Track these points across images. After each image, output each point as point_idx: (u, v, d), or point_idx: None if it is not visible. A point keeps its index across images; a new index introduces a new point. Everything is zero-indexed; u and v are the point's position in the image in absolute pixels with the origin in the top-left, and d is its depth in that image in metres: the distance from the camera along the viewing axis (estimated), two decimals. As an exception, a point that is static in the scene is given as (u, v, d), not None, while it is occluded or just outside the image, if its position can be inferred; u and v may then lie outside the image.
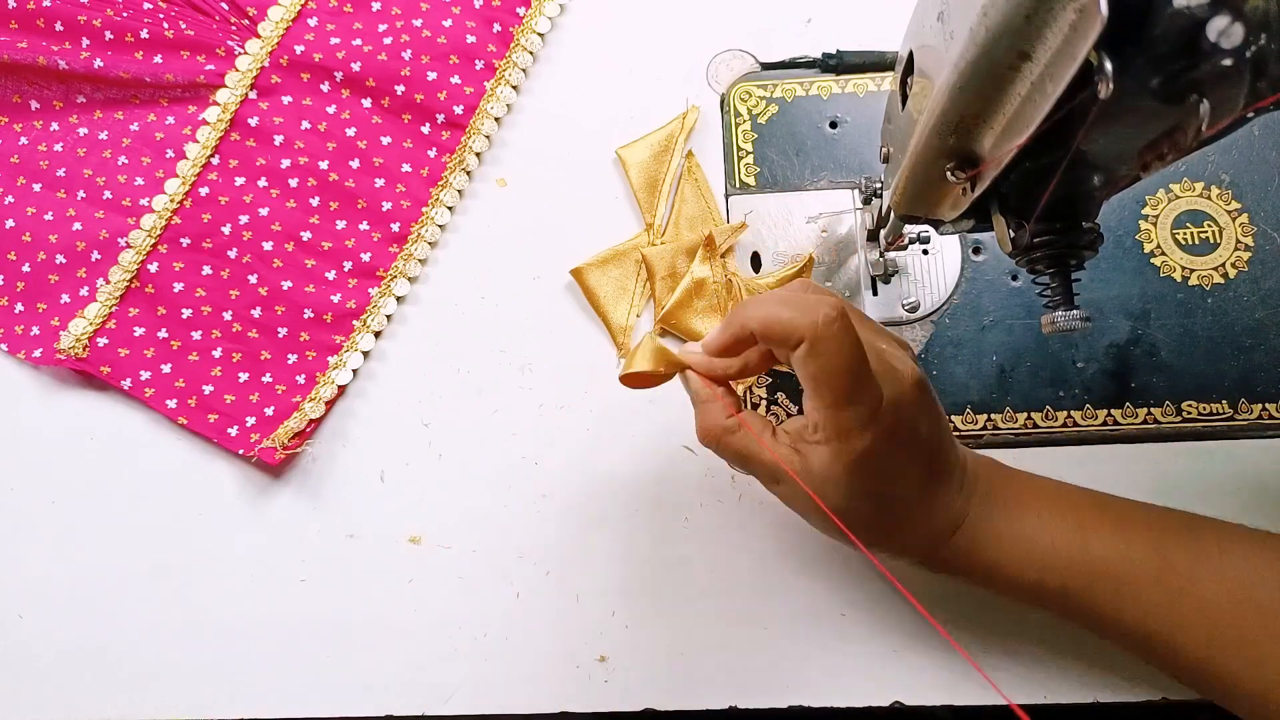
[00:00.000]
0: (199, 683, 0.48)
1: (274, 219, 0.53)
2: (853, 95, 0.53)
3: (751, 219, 0.52)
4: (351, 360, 0.51)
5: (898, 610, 0.47)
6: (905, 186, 0.37)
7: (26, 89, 0.56)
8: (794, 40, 0.54)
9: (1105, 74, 0.22)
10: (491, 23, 0.55)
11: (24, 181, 0.55)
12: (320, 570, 0.49)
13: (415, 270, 0.52)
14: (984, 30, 0.25)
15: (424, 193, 0.53)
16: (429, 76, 0.53)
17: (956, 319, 0.50)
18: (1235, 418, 0.47)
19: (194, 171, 0.54)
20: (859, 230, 0.51)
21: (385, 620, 0.48)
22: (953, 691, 0.45)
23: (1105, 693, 0.45)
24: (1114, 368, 0.48)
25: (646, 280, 0.51)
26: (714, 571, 0.47)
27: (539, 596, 0.48)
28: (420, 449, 0.50)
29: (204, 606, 0.48)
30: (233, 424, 0.50)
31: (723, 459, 0.39)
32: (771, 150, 0.53)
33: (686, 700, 0.46)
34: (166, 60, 0.54)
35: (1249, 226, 0.49)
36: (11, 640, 0.49)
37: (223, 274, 0.52)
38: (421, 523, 0.49)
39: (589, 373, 0.51)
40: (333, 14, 0.56)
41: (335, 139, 0.53)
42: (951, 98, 0.29)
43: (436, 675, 0.47)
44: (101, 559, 0.49)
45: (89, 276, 0.53)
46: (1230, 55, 0.21)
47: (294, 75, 0.54)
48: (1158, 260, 0.49)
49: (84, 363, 0.51)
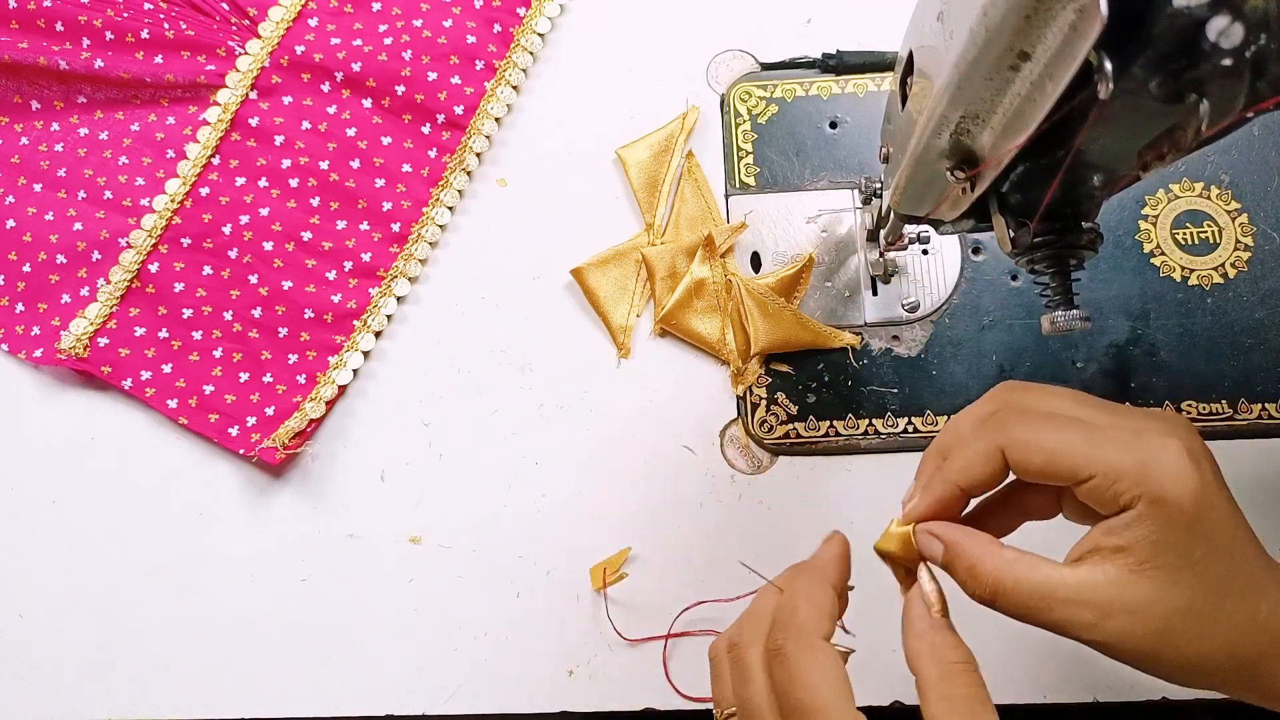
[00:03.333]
0: (199, 683, 0.48)
1: (274, 219, 0.53)
2: (853, 95, 0.53)
3: (751, 219, 0.52)
4: (352, 360, 0.51)
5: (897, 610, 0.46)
6: (905, 186, 0.37)
7: (27, 89, 0.56)
8: (794, 40, 0.54)
9: (1105, 74, 0.22)
10: (492, 23, 0.55)
11: (25, 181, 0.55)
12: (320, 570, 0.49)
13: (415, 270, 0.52)
14: (984, 30, 0.26)
15: (424, 193, 0.53)
16: (429, 77, 0.53)
17: (956, 319, 0.50)
18: (1235, 418, 0.47)
19: (194, 171, 0.54)
20: (859, 230, 0.51)
21: (385, 620, 0.48)
22: (953, 691, 0.45)
23: (1105, 693, 0.45)
24: (1114, 368, 0.48)
25: (646, 280, 0.51)
26: (714, 571, 0.47)
27: (539, 596, 0.48)
28: (420, 449, 0.50)
29: (204, 606, 0.48)
30: (233, 424, 0.50)
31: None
32: (771, 150, 0.53)
33: (686, 700, 0.46)
34: (167, 60, 0.54)
35: (1249, 226, 0.49)
36: (11, 640, 0.49)
37: (223, 274, 0.52)
38: (421, 523, 0.49)
39: (589, 373, 0.51)
40: (333, 14, 0.56)
41: (336, 139, 0.53)
42: (951, 98, 0.29)
43: (436, 675, 0.47)
44: (101, 559, 0.49)
45: (90, 276, 0.53)
46: (1230, 55, 0.21)
47: (294, 75, 0.54)
48: (1157, 260, 0.50)
49: (85, 363, 0.51)
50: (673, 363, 0.51)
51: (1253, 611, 0.30)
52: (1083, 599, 0.30)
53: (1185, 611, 0.30)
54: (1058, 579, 0.30)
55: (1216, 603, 0.30)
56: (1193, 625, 0.30)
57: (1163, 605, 0.30)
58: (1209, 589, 0.30)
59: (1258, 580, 0.31)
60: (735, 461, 0.49)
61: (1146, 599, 0.30)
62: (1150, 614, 0.30)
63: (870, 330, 0.50)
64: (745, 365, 0.50)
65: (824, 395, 0.49)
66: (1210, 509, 0.30)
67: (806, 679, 0.31)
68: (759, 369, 0.50)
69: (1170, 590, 0.30)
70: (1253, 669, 0.31)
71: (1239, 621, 0.30)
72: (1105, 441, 0.30)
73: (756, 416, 0.49)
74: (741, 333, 0.49)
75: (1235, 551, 0.31)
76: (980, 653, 0.45)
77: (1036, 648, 0.45)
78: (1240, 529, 0.31)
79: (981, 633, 0.46)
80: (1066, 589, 0.30)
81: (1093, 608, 0.30)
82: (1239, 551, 0.31)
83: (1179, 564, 0.30)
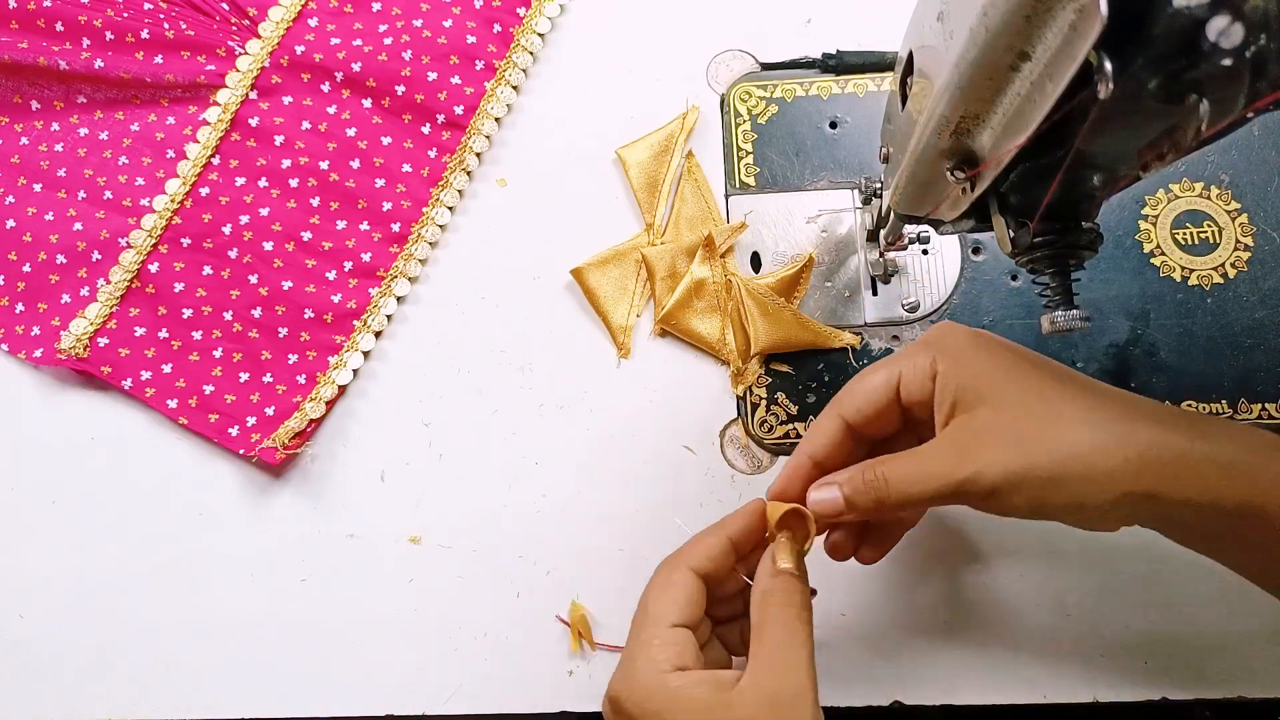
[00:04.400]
0: (199, 683, 0.48)
1: (274, 219, 0.53)
2: (853, 95, 0.53)
3: (751, 219, 0.52)
4: (352, 360, 0.51)
5: (897, 610, 0.47)
6: (905, 186, 0.37)
7: (27, 89, 0.56)
8: (794, 40, 0.54)
9: (1105, 74, 0.22)
10: (492, 23, 0.55)
11: (25, 181, 0.55)
12: (320, 570, 0.49)
13: (415, 270, 0.52)
14: (984, 30, 0.26)
15: (424, 193, 0.53)
16: (429, 77, 0.53)
17: (957, 319, 0.50)
18: (1235, 418, 0.47)
19: (194, 171, 0.54)
20: (859, 230, 0.51)
21: (385, 620, 0.48)
22: (951, 691, 0.45)
23: (1105, 693, 0.45)
24: (1114, 368, 0.48)
25: (646, 280, 0.51)
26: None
27: (539, 596, 0.48)
28: (420, 449, 0.50)
29: (204, 606, 0.48)
30: (233, 424, 0.50)
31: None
32: (771, 150, 0.53)
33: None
34: (167, 60, 0.54)
35: (1248, 226, 0.49)
36: (11, 640, 0.49)
37: (223, 274, 0.52)
38: (421, 523, 0.49)
39: (589, 373, 0.51)
40: (333, 14, 0.56)
41: (336, 139, 0.53)
42: (951, 98, 0.29)
43: (436, 675, 0.47)
44: (101, 559, 0.49)
45: (90, 276, 0.53)
46: (1230, 55, 0.21)
47: (294, 75, 0.54)
48: (1157, 260, 0.50)
49: (85, 363, 0.51)
50: (673, 363, 0.51)
51: (1091, 404, 0.34)
52: (945, 451, 0.34)
53: (1022, 411, 0.33)
54: (927, 451, 0.35)
55: (1049, 411, 0.33)
56: (1035, 421, 0.33)
57: (999, 417, 0.34)
58: (1028, 390, 0.34)
59: (1082, 386, 0.35)
60: (735, 461, 0.49)
61: (987, 419, 0.34)
62: (995, 429, 0.33)
63: (870, 330, 0.50)
64: (745, 365, 0.50)
65: (824, 395, 0.49)
66: (989, 340, 0.36)
67: (650, 590, 0.36)
68: (759, 369, 0.50)
69: (1000, 404, 0.34)
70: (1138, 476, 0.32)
71: (1070, 410, 0.33)
72: (901, 355, 0.37)
73: (756, 416, 0.49)
74: (741, 333, 0.50)
75: (1028, 364, 0.35)
76: (981, 652, 0.46)
77: (1037, 648, 0.45)
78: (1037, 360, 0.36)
79: (982, 634, 0.46)
80: (929, 453, 0.35)
81: (955, 451, 0.34)
82: (1030, 364, 0.35)
83: (993, 382, 0.34)
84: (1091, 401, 0.34)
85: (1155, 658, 0.45)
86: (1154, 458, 0.32)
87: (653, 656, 0.34)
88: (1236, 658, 0.45)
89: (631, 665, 0.34)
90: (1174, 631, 0.45)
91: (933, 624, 0.46)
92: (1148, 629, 0.45)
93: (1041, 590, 0.46)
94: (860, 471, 0.36)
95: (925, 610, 0.46)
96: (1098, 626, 0.45)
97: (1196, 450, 0.33)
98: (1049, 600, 0.46)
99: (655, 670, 0.34)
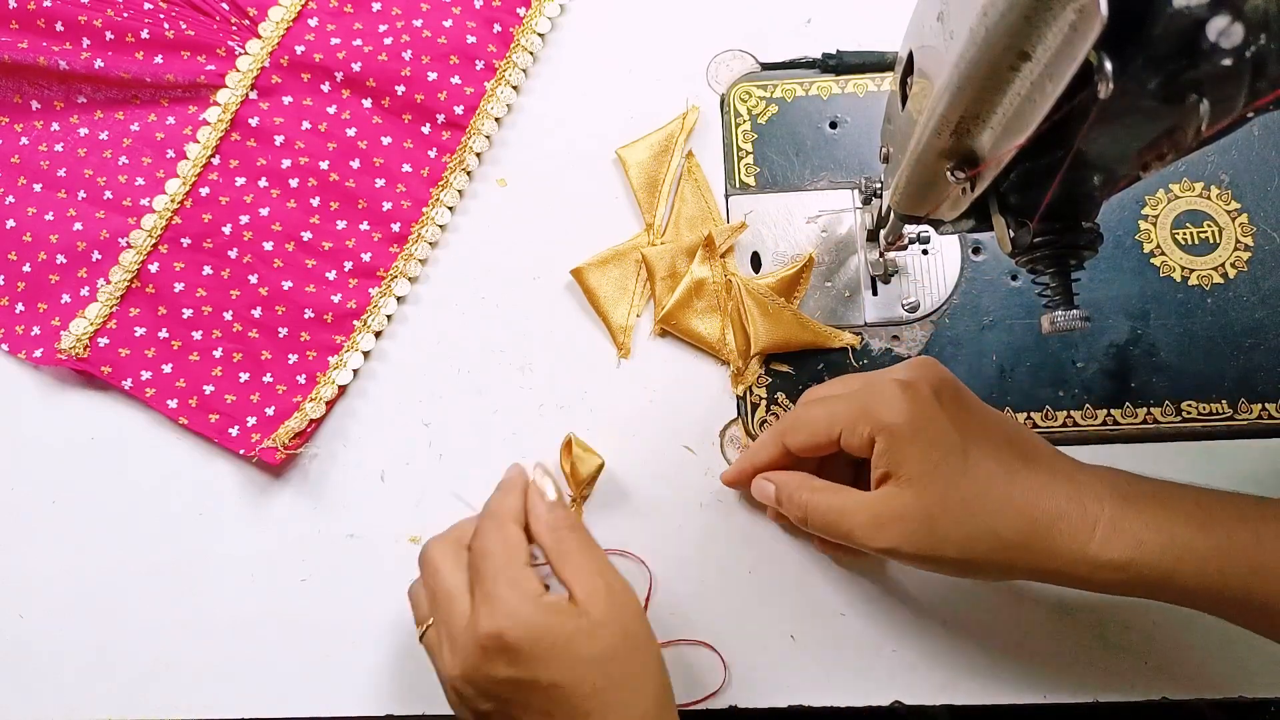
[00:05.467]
0: (199, 683, 0.48)
1: (274, 219, 0.53)
2: (853, 95, 0.53)
3: (751, 219, 0.52)
4: (352, 360, 0.51)
5: (897, 610, 0.47)
6: (905, 186, 0.37)
7: (27, 89, 0.56)
8: (794, 40, 0.54)
9: (1105, 74, 0.22)
10: (492, 23, 0.55)
11: (24, 181, 0.55)
12: (320, 570, 0.49)
13: (415, 270, 0.52)
14: (984, 30, 0.26)
15: (424, 193, 0.53)
16: (429, 77, 0.53)
17: (956, 319, 0.50)
18: (1235, 417, 0.47)
19: (194, 171, 0.54)
20: (859, 230, 0.51)
21: (386, 620, 0.48)
22: (952, 691, 0.45)
23: (1105, 693, 0.45)
24: (1114, 367, 0.48)
25: (646, 280, 0.51)
26: (714, 571, 0.47)
27: (539, 596, 0.47)
28: (420, 449, 0.50)
29: (204, 606, 0.49)
30: (233, 424, 0.50)
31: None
32: (771, 150, 0.53)
33: (686, 699, 0.46)
34: (167, 60, 0.54)
35: (1249, 226, 0.49)
36: (11, 640, 0.49)
37: (223, 274, 0.52)
38: (422, 523, 0.49)
39: (589, 373, 0.51)
40: (333, 14, 0.56)
41: (336, 139, 0.53)
42: (951, 98, 0.29)
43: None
44: (101, 559, 0.49)
45: (90, 276, 0.53)
46: (1230, 55, 0.21)
47: (294, 75, 0.54)
48: (1157, 260, 0.50)
49: (85, 363, 0.51)
50: (673, 363, 0.51)
51: (1004, 496, 0.37)
52: (864, 514, 0.39)
53: (942, 506, 0.37)
54: (850, 502, 0.40)
55: (970, 494, 0.37)
56: (952, 516, 0.37)
57: (921, 506, 0.37)
58: (954, 484, 0.37)
59: (1006, 467, 0.38)
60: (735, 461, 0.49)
61: (908, 504, 0.37)
62: (914, 516, 0.37)
63: (870, 330, 0.50)
64: (745, 365, 0.50)
65: (824, 395, 0.49)
66: (930, 423, 0.38)
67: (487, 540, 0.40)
68: (759, 369, 0.50)
69: (925, 493, 0.37)
70: (1025, 549, 0.37)
71: (993, 507, 0.37)
72: (841, 403, 0.40)
73: (756, 416, 0.49)
74: (741, 333, 0.50)
75: (971, 450, 0.38)
76: (983, 653, 0.46)
77: (1037, 648, 0.45)
78: (975, 430, 0.38)
79: (982, 634, 0.46)
80: (851, 507, 0.39)
81: (872, 520, 0.38)
82: (976, 449, 0.38)
83: (923, 471, 0.37)
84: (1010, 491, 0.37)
85: (1155, 658, 0.45)
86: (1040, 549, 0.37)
87: (525, 587, 0.38)
88: (1236, 658, 0.45)
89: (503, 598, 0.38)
90: (1174, 631, 0.45)
91: (933, 624, 0.46)
92: (1148, 629, 0.45)
93: (1042, 590, 0.46)
94: (792, 490, 0.42)
95: (925, 610, 0.46)
96: (1098, 626, 0.45)
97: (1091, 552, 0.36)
98: (1049, 600, 0.46)
99: (531, 595, 0.38)
